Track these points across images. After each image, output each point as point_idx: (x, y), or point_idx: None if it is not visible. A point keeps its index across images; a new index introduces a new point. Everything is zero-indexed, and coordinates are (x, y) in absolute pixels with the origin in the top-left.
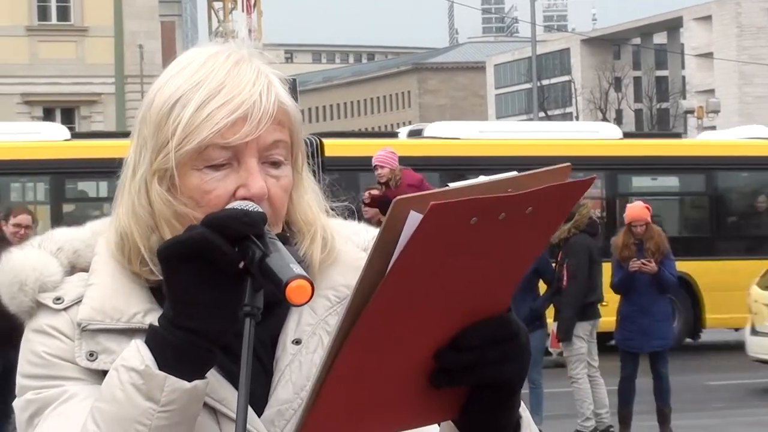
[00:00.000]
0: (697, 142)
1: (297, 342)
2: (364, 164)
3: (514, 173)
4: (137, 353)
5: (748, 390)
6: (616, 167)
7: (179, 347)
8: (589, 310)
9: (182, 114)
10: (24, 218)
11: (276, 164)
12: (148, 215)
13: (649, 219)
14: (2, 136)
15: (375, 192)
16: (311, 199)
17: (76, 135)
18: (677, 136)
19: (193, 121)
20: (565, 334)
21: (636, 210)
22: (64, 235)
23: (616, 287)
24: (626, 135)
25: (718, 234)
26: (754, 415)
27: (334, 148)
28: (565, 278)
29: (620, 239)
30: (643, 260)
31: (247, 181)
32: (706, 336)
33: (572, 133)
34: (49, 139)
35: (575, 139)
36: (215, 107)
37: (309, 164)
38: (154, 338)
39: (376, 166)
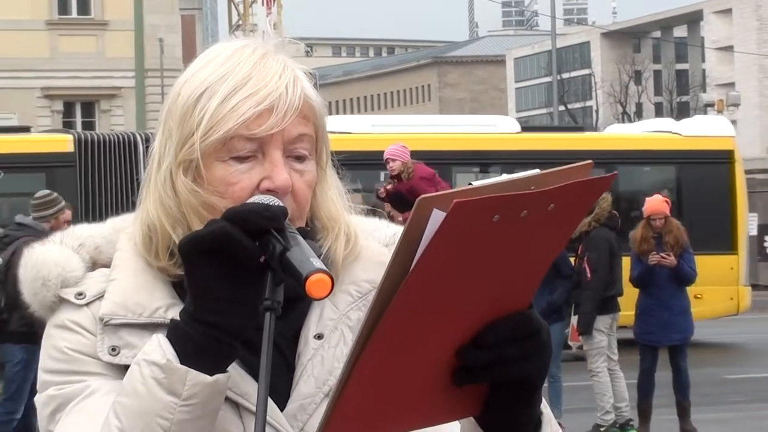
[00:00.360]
0: (596, 136)
1: (319, 336)
2: None
3: (537, 171)
4: (159, 347)
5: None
6: (513, 161)
7: (200, 341)
8: (609, 304)
9: (208, 105)
10: (69, 215)
11: (300, 158)
12: (175, 206)
13: (668, 212)
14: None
15: (388, 187)
16: (335, 195)
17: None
18: (579, 129)
19: (219, 111)
20: (585, 328)
21: (655, 203)
22: (85, 231)
23: (635, 281)
24: (525, 129)
25: (620, 229)
26: None
27: None
28: (588, 271)
29: (639, 233)
30: (662, 254)
31: (271, 173)
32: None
33: (469, 126)
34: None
35: (472, 133)
36: (241, 98)
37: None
38: (175, 332)
39: (387, 159)
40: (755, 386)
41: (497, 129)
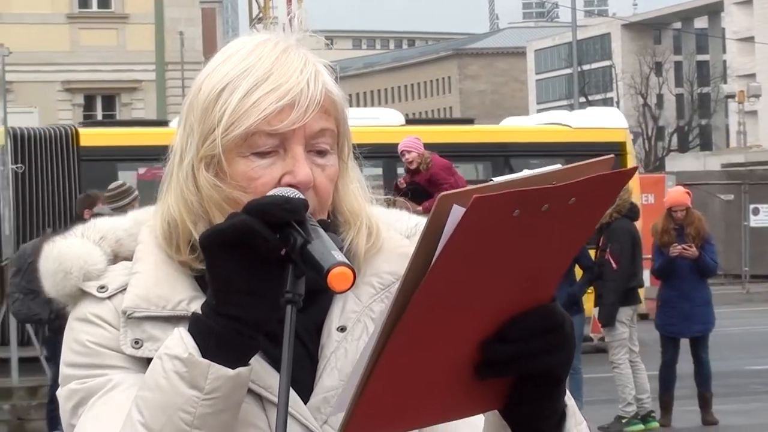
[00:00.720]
0: (484, 129)
1: (342, 329)
2: (124, 154)
3: (558, 166)
4: (180, 341)
5: None
6: (397, 155)
7: (222, 335)
8: (631, 295)
9: (230, 100)
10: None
11: (322, 153)
12: (197, 201)
13: (689, 203)
14: None
15: (405, 179)
16: (357, 189)
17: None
18: (469, 122)
19: (240, 107)
20: (608, 320)
21: (676, 195)
22: (106, 223)
23: (656, 273)
24: (409, 122)
25: None
26: None
27: (93, 137)
28: (613, 263)
29: (660, 224)
30: (684, 245)
31: (293, 168)
32: None
33: (352, 120)
34: None
35: (355, 126)
36: (263, 94)
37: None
38: (197, 326)
39: (402, 152)
40: None
41: (380, 122)
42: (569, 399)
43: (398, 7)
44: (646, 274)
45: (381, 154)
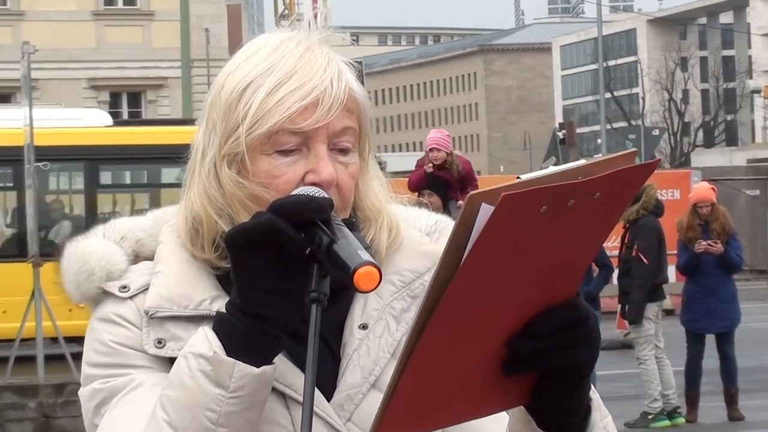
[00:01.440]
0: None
1: (364, 327)
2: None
3: (583, 161)
4: (205, 340)
5: None
6: (101, 157)
7: (247, 333)
8: (657, 292)
9: (253, 98)
10: None
11: (344, 151)
12: (221, 197)
13: (714, 199)
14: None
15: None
16: (377, 187)
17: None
18: (188, 122)
19: (264, 105)
20: (636, 316)
21: (702, 191)
22: (126, 224)
23: (682, 269)
24: (118, 123)
25: None
26: None
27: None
28: (644, 259)
29: (686, 220)
30: (709, 241)
31: (316, 166)
32: None
33: (57, 121)
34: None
35: (59, 128)
36: (287, 92)
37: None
38: (221, 325)
39: (432, 148)
40: None
41: (84, 123)
42: (594, 393)
43: (423, 3)
44: (671, 270)
45: (85, 156)
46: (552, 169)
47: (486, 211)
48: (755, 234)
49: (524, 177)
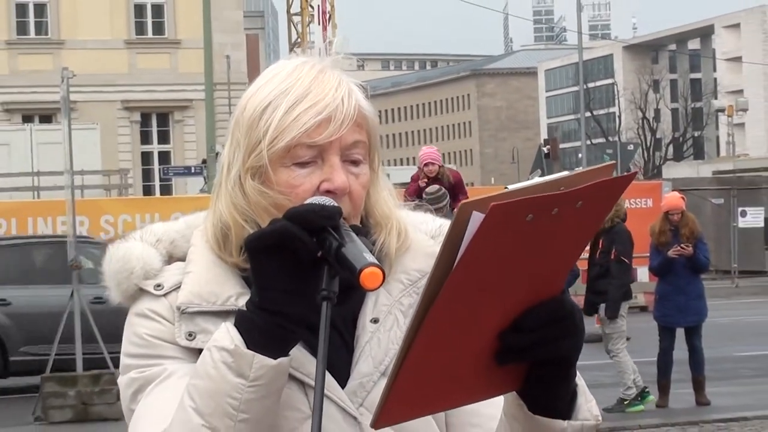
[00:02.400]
0: None
1: (375, 321)
2: None
3: (566, 173)
4: (227, 334)
5: None
6: None
7: (265, 328)
8: (629, 291)
9: (273, 116)
10: None
11: (355, 163)
12: (246, 206)
13: (684, 207)
14: None
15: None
16: (387, 196)
17: None
18: None
19: (283, 122)
20: (614, 313)
21: (673, 200)
22: (161, 228)
23: (655, 270)
24: None
25: None
26: None
27: None
28: (626, 260)
29: (658, 226)
30: (680, 246)
31: (330, 176)
32: None
33: None
34: None
35: None
36: (302, 110)
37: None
38: (242, 321)
39: (427, 162)
40: (763, 362)
41: None
42: (579, 379)
43: (422, 32)
44: (643, 271)
45: None
46: (537, 180)
47: (477, 218)
48: (720, 238)
49: (511, 187)
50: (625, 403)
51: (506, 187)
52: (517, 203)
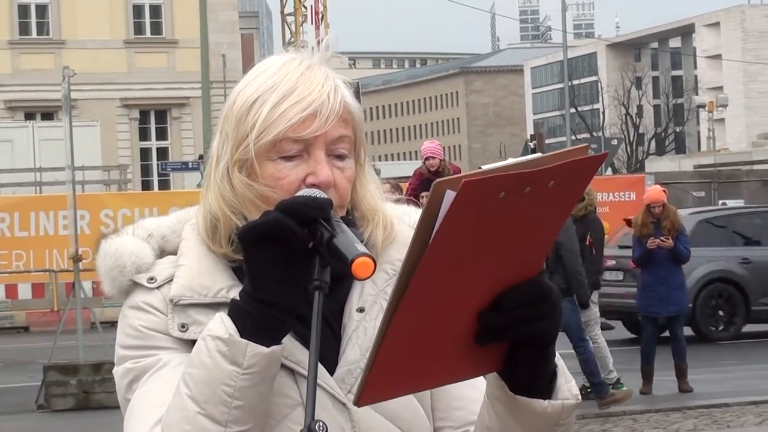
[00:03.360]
0: None
1: (361, 310)
2: None
3: (539, 154)
4: (221, 324)
5: (754, 348)
6: None
7: (258, 317)
8: (598, 281)
9: (260, 111)
10: None
11: (341, 157)
12: (233, 198)
13: (665, 200)
14: None
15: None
16: (373, 189)
17: None
18: None
19: (270, 117)
20: (587, 300)
21: (654, 193)
22: (152, 223)
23: (637, 261)
24: None
25: None
26: (757, 369)
27: None
28: (594, 250)
29: (640, 218)
30: (661, 237)
31: (315, 169)
32: None
33: None
34: None
35: None
36: (289, 105)
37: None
38: (235, 310)
39: (428, 156)
40: (742, 350)
41: None
42: (559, 360)
43: (412, 32)
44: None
45: None
46: (511, 160)
47: (450, 196)
48: None
49: (485, 167)
50: (609, 385)
51: (480, 167)
52: (488, 180)
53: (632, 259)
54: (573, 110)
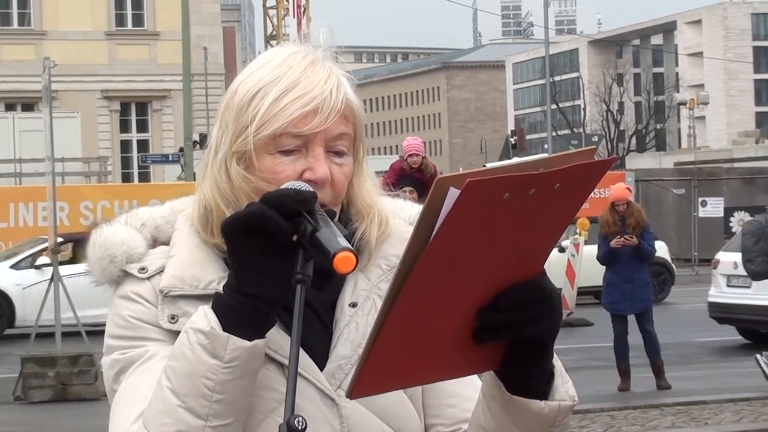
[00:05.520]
0: None
1: (353, 305)
2: None
3: (545, 155)
4: (204, 317)
5: (732, 345)
6: None
7: (241, 311)
8: None
9: (261, 104)
10: None
11: (339, 153)
12: (229, 189)
13: (630, 198)
14: None
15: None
16: (370, 186)
17: None
18: None
19: (270, 110)
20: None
21: (618, 191)
22: (146, 212)
23: (601, 259)
24: None
25: None
26: (735, 367)
27: None
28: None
29: (606, 217)
30: (625, 237)
31: (313, 165)
32: None
33: None
34: None
35: None
36: (291, 100)
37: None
38: (219, 303)
39: (412, 153)
40: (722, 348)
41: None
42: (556, 361)
43: (394, 26)
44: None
45: None
46: (516, 159)
47: (453, 194)
48: (681, 227)
49: (490, 165)
50: None
51: (484, 165)
52: (493, 180)
53: (597, 257)
54: (554, 106)
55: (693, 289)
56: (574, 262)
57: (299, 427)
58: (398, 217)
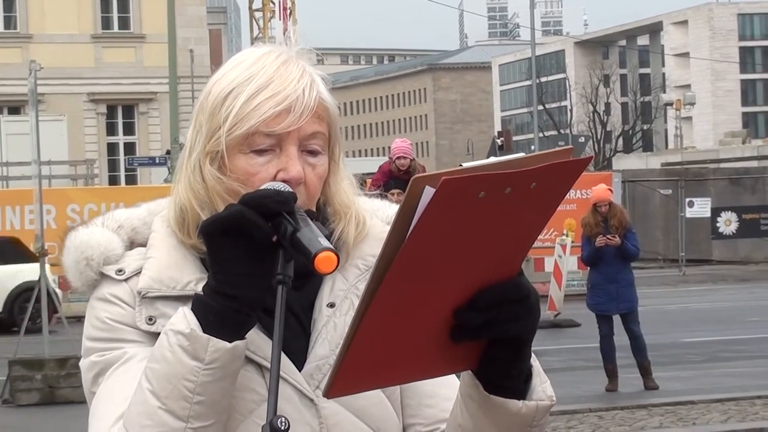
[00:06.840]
0: None
1: (331, 305)
2: None
3: (522, 154)
4: (184, 318)
5: (720, 346)
6: None
7: (220, 312)
8: None
9: (234, 103)
10: None
11: (313, 153)
12: (203, 190)
13: (611, 199)
14: None
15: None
16: (347, 186)
17: None
18: None
19: (243, 110)
20: None
21: (600, 192)
22: (123, 214)
23: (585, 260)
24: None
25: None
26: (723, 367)
27: None
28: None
29: (588, 218)
30: (608, 236)
31: (286, 165)
32: None
33: None
34: None
35: None
36: (263, 99)
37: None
38: (198, 304)
39: (399, 156)
40: (709, 348)
41: None
42: (534, 360)
43: (380, 28)
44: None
45: None
46: (493, 159)
47: (428, 193)
48: (668, 227)
49: (466, 165)
50: None
51: (461, 165)
52: (469, 179)
53: (581, 258)
54: (541, 107)
55: (680, 289)
56: (561, 263)
57: (282, 428)
58: (376, 217)
